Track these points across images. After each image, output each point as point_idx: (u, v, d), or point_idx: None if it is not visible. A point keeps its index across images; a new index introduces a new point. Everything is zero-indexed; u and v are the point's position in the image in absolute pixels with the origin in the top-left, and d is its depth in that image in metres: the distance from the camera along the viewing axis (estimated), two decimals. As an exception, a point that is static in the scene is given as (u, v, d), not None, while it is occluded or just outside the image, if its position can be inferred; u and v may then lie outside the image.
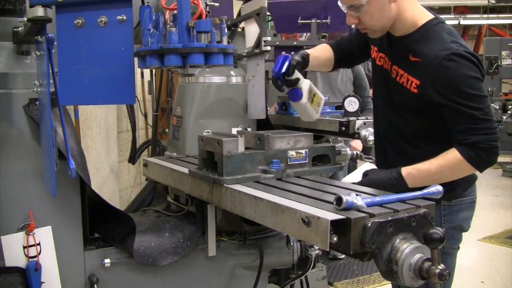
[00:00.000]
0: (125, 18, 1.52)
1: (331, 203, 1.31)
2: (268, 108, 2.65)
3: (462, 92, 1.69)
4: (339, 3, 1.84)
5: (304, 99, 1.87)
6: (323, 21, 2.57)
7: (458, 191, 1.91)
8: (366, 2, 1.74)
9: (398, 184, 1.72)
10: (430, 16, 1.84)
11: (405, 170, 1.74)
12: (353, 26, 1.93)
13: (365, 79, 4.32)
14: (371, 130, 2.09)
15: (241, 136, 1.71)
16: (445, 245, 1.82)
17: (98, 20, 1.51)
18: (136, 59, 1.62)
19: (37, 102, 1.67)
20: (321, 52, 2.19)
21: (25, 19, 1.48)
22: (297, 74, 1.89)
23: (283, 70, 1.84)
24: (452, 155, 1.73)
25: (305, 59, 2.01)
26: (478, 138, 1.71)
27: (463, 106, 1.69)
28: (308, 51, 2.08)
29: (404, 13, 1.80)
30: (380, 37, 1.93)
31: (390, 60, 1.91)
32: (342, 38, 2.25)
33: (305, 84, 1.90)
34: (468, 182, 1.93)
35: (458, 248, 2.01)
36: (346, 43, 2.19)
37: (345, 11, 1.83)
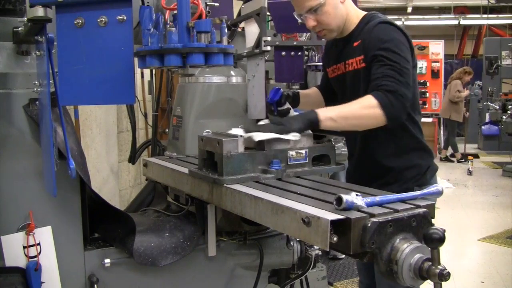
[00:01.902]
0: (125, 18, 1.52)
1: (331, 203, 1.31)
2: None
3: (387, 48, 1.89)
4: (294, 14, 2.05)
5: None
6: (323, 21, 2.55)
7: (428, 177, 2.09)
8: (324, 1, 1.95)
9: (313, 124, 1.82)
10: (364, 12, 2.11)
11: (324, 113, 1.83)
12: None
13: None
14: None
15: (241, 136, 1.71)
16: None
17: (98, 20, 1.51)
18: (136, 59, 1.62)
19: (37, 102, 1.67)
20: (311, 91, 2.44)
21: (25, 19, 1.48)
22: (288, 105, 2.14)
23: (276, 98, 2.10)
24: (364, 98, 1.86)
25: (295, 95, 2.28)
26: (389, 83, 1.85)
27: (386, 59, 1.88)
28: (298, 90, 2.36)
29: (349, 12, 2.06)
30: (330, 55, 2.21)
31: (341, 61, 2.12)
32: (320, 83, 2.49)
33: (295, 115, 2.07)
34: (432, 169, 2.13)
35: None
36: (323, 81, 2.42)
37: (303, 17, 2.02)
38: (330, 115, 1.83)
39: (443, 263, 1.24)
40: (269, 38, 2.29)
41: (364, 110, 1.84)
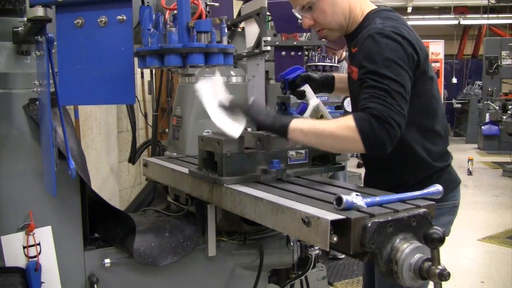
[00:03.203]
0: (125, 18, 1.52)
1: (331, 203, 1.31)
2: (268, 108, 2.65)
3: (374, 71, 1.59)
4: (293, 11, 1.85)
5: (307, 114, 1.91)
6: (323, 21, 2.56)
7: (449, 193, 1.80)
8: None
9: (281, 132, 1.64)
10: (373, 7, 1.82)
11: (296, 124, 1.63)
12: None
13: None
14: None
15: (241, 136, 1.71)
16: None
17: (98, 20, 1.51)
18: (136, 59, 1.62)
19: (37, 102, 1.67)
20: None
21: (25, 19, 1.48)
22: (306, 88, 1.92)
23: (289, 76, 1.91)
24: (344, 118, 1.60)
25: (327, 78, 2.02)
26: (375, 105, 1.55)
27: (373, 81, 1.58)
28: (333, 74, 2.10)
29: (353, 7, 1.79)
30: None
31: (349, 61, 1.91)
32: None
33: (313, 101, 1.92)
34: (451, 186, 1.84)
35: None
36: None
37: (299, 15, 1.82)
38: (302, 127, 1.62)
39: (443, 263, 1.24)
40: (269, 38, 2.30)
41: (339, 131, 1.57)
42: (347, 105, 2.31)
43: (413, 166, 1.79)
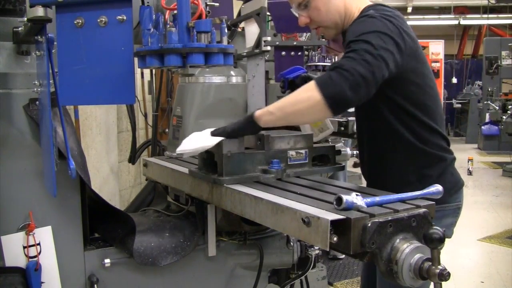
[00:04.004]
0: (125, 18, 1.52)
1: (331, 203, 1.31)
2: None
3: (354, 40, 1.55)
4: (291, 9, 1.85)
5: None
6: (323, 21, 2.56)
7: (443, 197, 1.71)
8: None
9: (250, 123, 1.63)
10: (369, 3, 1.81)
11: (259, 110, 1.63)
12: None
13: None
14: None
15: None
16: None
17: (98, 20, 1.51)
18: (136, 59, 1.62)
19: (37, 102, 1.67)
20: None
21: (25, 19, 1.48)
22: None
23: (288, 75, 1.87)
24: (307, 86, 1.54)
25: None
26: (341, 62, 1.50)
27: (347, 48, 1.55)
28: None
29: (350, 6, 1.78)
30: None
31: None
32: None
33: None
34: (454, 188, 1.82)
35: None
36: None
37: (296, 13, 1.83)
38: (267, 109, 1.60)
39: (443, 263, 1.24)
40: (269, 38, 2.30)
41: (300, 94, 1.53)
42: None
43: (404, 153, 1.76)
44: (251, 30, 2.42)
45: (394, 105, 1.73)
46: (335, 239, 1.23)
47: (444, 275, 1.21)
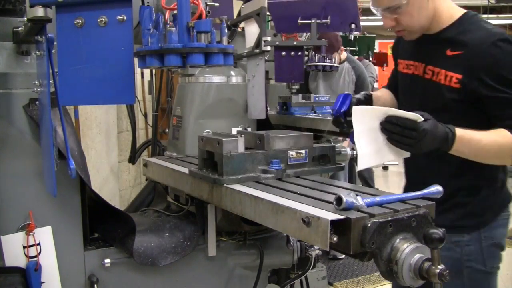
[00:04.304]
0: (125, 18, 1.52)
1: (331, 203, 1.31)
2: (268, 108, 2.65)
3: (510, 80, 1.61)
4: (371, 6, 1.80)
5: None
6: (323, 21, 2.56)
7: (488, 216, 1.83)
8: (406, 1, 1.69)
9: (447, 140, 1.58)
10: (463, 10, 1.81)
11: (459, 131, 1.59)
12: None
13: (367, 79, 4.33)
14: None
15: (241, 136, 1.71)
16: (487, 264, 1.83)
17: (98, 20, 1.51)
18: (136, 59, 1.62)
19: (37, 102, 1.67)
20: (383, 93, 2.15)
21: (25, 19, 1.48)
22: None
23: (344, 108, 1.78)
24: (505, 133, 1.61)
25: (367, 99, 1.95)
26: None
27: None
28: (371, 93, 2.05)
29: (439, 10, 1.76)
30: (406, 45, 1.90)
31: (423, 62, 1.84)
32: (390, 77, 2.20)
33: None
34: (507, 200, 1.88)
35: (499, 267, 1.95)
36: (393, 76, 2.13)
37: (379, 14, 1.79)
38: (469, 141, 1.59)
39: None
40: (269, 38, 2.30)
41: (506, 145, 1.61)
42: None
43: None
44: (251, 30, 2.42)
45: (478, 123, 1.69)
46: (335, 239, 1.23)
47: (444, 275, 1.21)
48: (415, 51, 1.88)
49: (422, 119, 1.51)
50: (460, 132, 1.59)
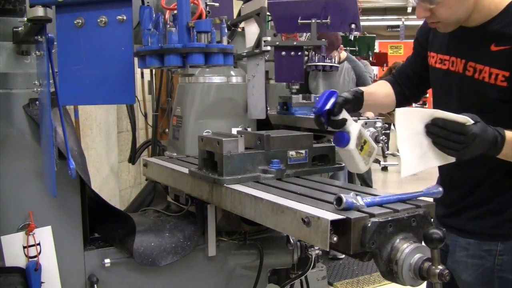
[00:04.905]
0: (125, 18, 1.52)
1: (331, 203, 1.31)
2: (268, 108, 2.65)
3: None
4: None
5: (352, 145, 1.61)
6: (323, 21, 2.56)
7: None
8: None
9: (496, 145, 1.46)
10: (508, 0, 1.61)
11: (508, 134, 1.47)
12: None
13: (368, 79, 4.32)
14: (373, 130, 1.91)
15: (241, 136, 1.71)
16: None
17: (98, 20, 1.51)
18: (136, 59, 1.62)
19: (37, 102, 1.67)
20: (377, 87, 2.01)
21: (25, 19, 1.48)
22: (344, 115, 1.61)
23: (327, 107, 1.57)
24: None
25: (357, 96, 1.75)
26: None
27: None
28: (362, 88, 1.83)
29: (482, 0, 1.59)
30: (441, 37, 1.76)
31: (463, 58, 1.68)
32: (400, 66, 2.05)
33: (353, 128, 1.62)
34: None
35: None
36: (407, 67, 1.99)
37: (415, 3, 1.62)
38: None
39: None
40: (269, 38, 2.30)
41: None
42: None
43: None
44: (251, 30, 2.42)
45: None
46: (335, 239, 1.23)
47: (444, 275, 1.21)
48: (452, 45, 1.73)
49: (472, 122, 1.41)
50: (509, 134, 1.48)
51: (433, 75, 1.84)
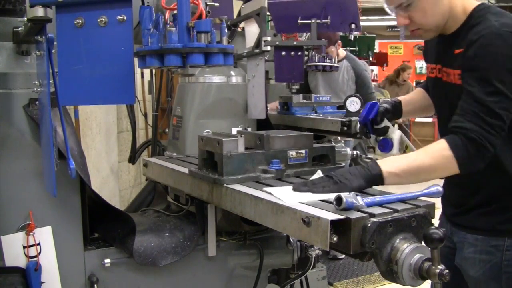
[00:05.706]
0: (125, 18, 1.52)
1: (331, 203, 1.31)
2: (268, 108, 2.65)
3: (479, 76, 1.54)
4: (384, 6, 1.75)
5: (395, 149, 1.79)
6: (323, 21, 2.56)
7: None
8: None
9: (374, 182, 1.51)
10: (476, 2, 1.70)
11: (387, 171, 1.51)
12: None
13: (368, 77, 4.31)
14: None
15: (241, 136, 1.71)
16: None
17: (98, 20, 1.51)
18: (136, 59, 1.62)
19: (37, 102, 1.67)
20: (414, 95, 2.10)
21: (25, 19, 1.48)
22: (386, 123, 1.81)
23: (371, 116, 1.78)
24: (437, 147, 1.55)
25: (396, 106, 1.92)
26: (472, 126, 1.51)
27: (473, 88, 1.53)
28: (399, 98, 2.00)
29: (454, 6, 1.68)
30: (431, 48, 1.85)
31: (438, 63, 1.79)
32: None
33: (396, 134, 1.82)
34: None
35: None
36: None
37: (393, 13, 1.73)
38: (395, 171, 1.50)
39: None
40: (269, 38, 2.30)
41: (437, 163, 1.52)
42: (349, 105, 2.29)
43: (502, 186, 1.72)
44: (251, 30, 2.42)
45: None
46: (335, 239, 1.23)
47: (444, 275, 1.21)
48: (435, 54, 1.83)
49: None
50: (388, 168, 1.51)
51: (429, 84, 1.94)
